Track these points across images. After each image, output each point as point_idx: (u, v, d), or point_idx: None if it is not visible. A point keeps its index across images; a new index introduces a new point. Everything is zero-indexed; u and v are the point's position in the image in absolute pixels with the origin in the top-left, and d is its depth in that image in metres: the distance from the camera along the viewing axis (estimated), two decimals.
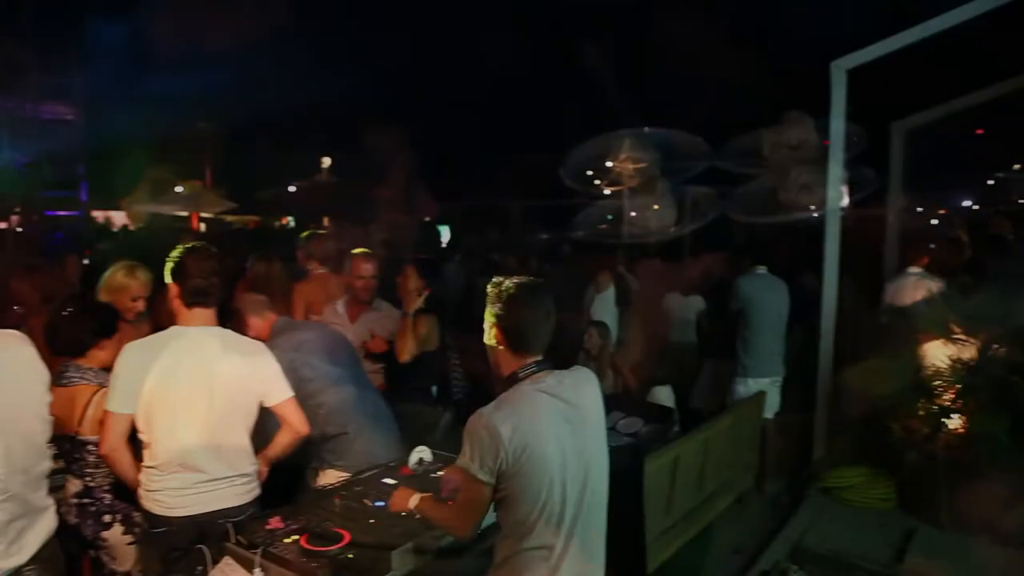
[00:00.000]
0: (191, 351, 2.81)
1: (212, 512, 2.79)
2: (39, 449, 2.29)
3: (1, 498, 2.12)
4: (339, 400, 3.51)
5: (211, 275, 2.83)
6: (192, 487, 2.78)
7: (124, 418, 2.77)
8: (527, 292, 2.23)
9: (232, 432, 2.86)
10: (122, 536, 3.08)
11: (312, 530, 2.47)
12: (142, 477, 2.85)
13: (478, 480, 2.11)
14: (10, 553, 2.15)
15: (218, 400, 2.81)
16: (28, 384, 2.27)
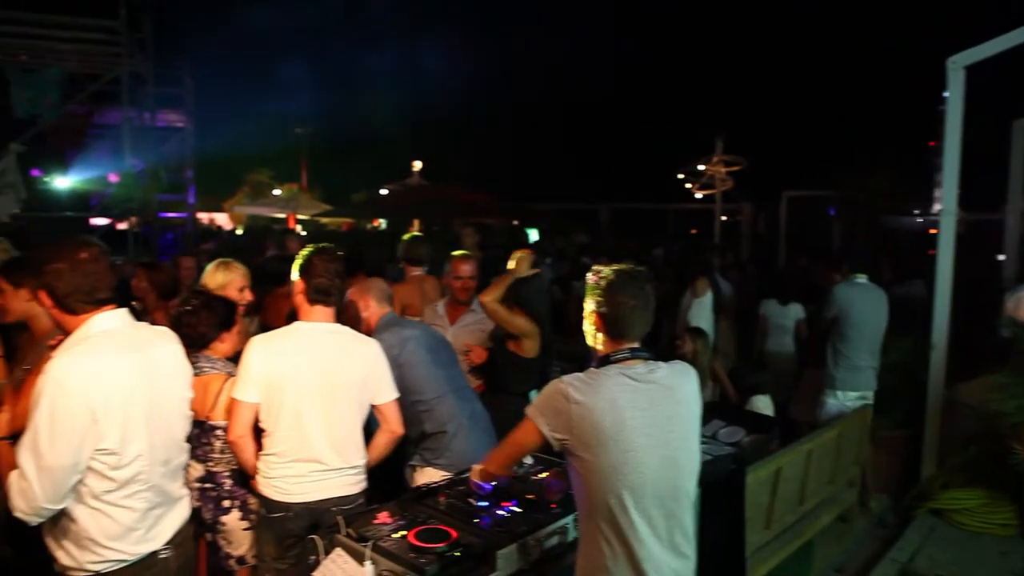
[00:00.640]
0: (312, 346, 2.98)
1: (326, 500, 2.97)
2: (178, 443, 2.43)
3: (142, 488, 2.25)
4: (439, 399, 3.60)
5: (335, 275, 3.02)
6: (309, 475, 2.95)
7: (250, 407, 2.95)
8: (626, 279, 2.25)
9: (347, 425, 3.02)
10: (239, 522, 3.24)
11: (420, 527, 2.52)
12: (261, 464, 3.03)
13: (537, 428, 2.19)
14: (147, 538, 2.29)
15: (335, 394, 2.98)
16: (175, 381, 2.41)
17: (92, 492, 2.16)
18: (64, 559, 2.21)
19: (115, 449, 2.15)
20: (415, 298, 5.03)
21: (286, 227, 19.64)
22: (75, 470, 2.10)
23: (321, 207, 20.06)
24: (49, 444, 2.04)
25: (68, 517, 2.17)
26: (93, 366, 2.13)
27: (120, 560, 2.22)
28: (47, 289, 2.18)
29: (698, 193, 15.59)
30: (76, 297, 2.18)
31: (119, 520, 2.21)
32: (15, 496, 2.07)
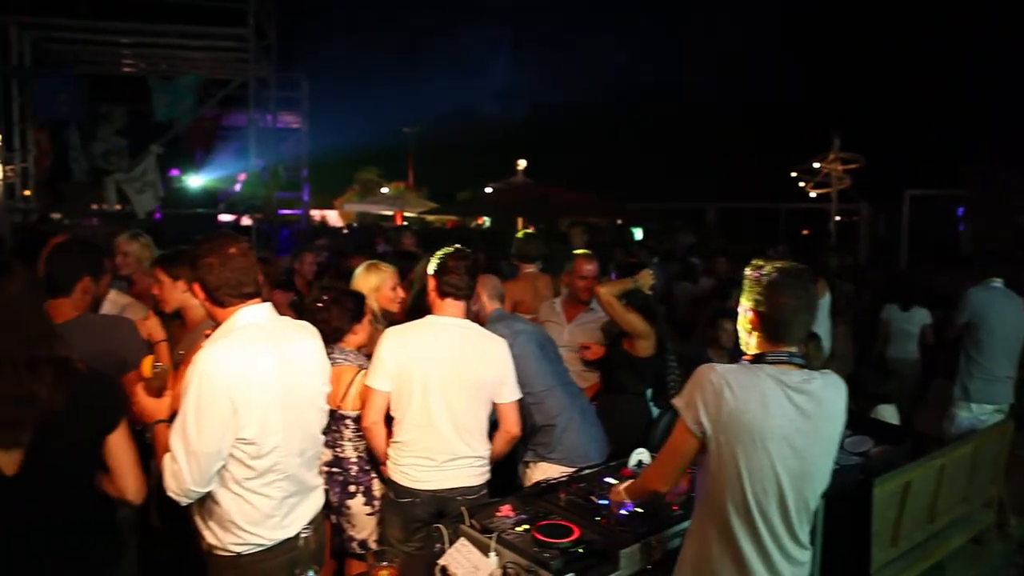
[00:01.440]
0: (442, 339, 3.11)
1: (452, 489, 3.10)
2: (314, 435, 2.53)
3: (279, 477, 2.35)
4: (548, 392, 3.65)
5: (464, 273, 3.14)
6: (436, 464, 3.07)
7: (382, 395, 3.10)
8: (790, 278, 2.13)
9: (473, 417, 3.13)
10: (363, 507, 3.38)
11: (542, 521, 2.56)
12: (391, 451, 3.17)
13: (687, 429, 2.10)
14: (284, 525, 2.39)
15: (463, 386, 3.09)
16: (312, 375, 2.50)
17: (234, 478, 2.28)
18: (210, 538, 2.36)
19: (254, 439, 2.26)
20: (527, 295, 5.09)
21: (394, 224, 20.23)
22: (218, 456, 2.22)
23: (427, 205, 20.55)
24: (196, 430, 2.16)
25: (213, 500, 2.30)
26: (235, 358, 2.23)
27: (259, 544, 2.33)
28: (200, 282, 2.33)
29: (812, 192, 14.99)
30: (224, 290, 2.30)
31: (258, 506, 2.32)
32: (167, 477, 2.21)
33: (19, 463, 1.96)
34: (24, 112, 11.03)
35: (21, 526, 2.00)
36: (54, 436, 2.01)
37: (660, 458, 2.28)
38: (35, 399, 1.96)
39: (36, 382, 1.97)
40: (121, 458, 2.17)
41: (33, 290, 2.15)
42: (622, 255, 8.59)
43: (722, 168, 25.95)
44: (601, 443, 3.75)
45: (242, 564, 2.33)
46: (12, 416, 1.93)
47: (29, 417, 1.95)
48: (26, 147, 11.22)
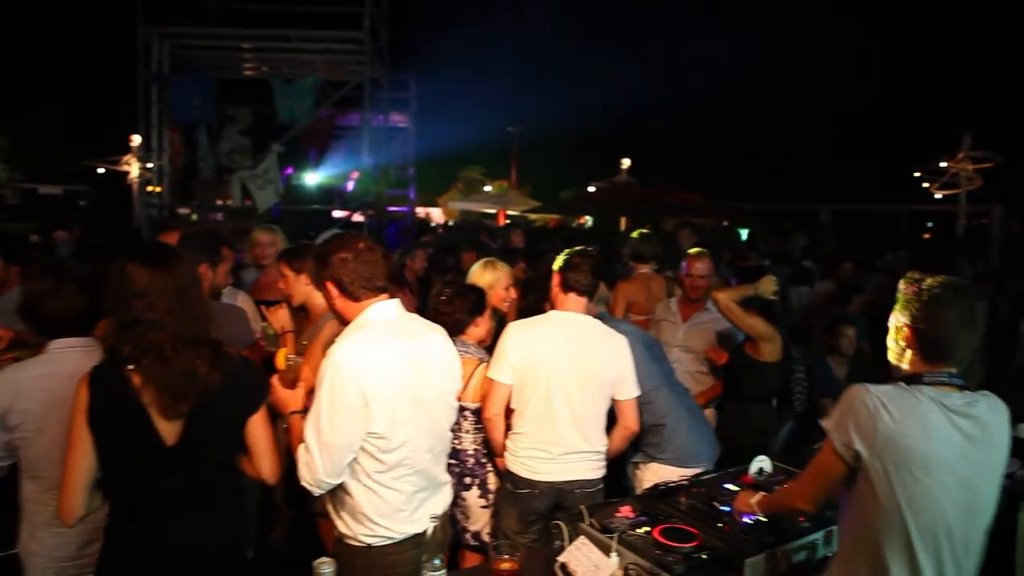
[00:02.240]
0: (565, 333, 3.16)
1: (569, 481, 3.13)
2: (443, 431, 2.58)
3: (409, 472, 2.39)
4: (656, 391, 3.61)
5: (589, 271, 3.21)
6: (555, 456, 3.11)
7: (504, 388, 3.16)
8: (954, 294, 2.00)
9: (592, 411, 3.15)
10: (477, 499, 3.44)
11: (663, 524, 2.53)
12: (510, 443, 3.23)
13: (836, 452, 1.99)
14: (413, 519, 2.44)
15: (583, 380, 3.12)
16: (442, 372, 2.54)
17: (365, 471, 2.34)
18: (342, 527, 2.44)
19: (384, 433, 2.31)
20: (641, 296, 5.04)
21: (495, 222, 20.46)
22: (349, 449, 2.28)
23: (530, 203, 20.67)
24: (328, 423, 2.24)
25: (345, 492, 2.37)
26: (367, 353, 2.29)
27: (389, 537, 2.39)
28: (334, 278, 2.38)
29: (937, 193, 14.13)
30: (358, 284, 2.37)
31: (388, 500, 2.37)
32: (301, 467, 2.30)
33: (179, 435, 2.12)
34: (162, 115, 11.83)
35: (175, 493, 2.15)
36: (208, 412, 2.15)
37: (805, 478, 2.17)
38: (197, 376, 2.11)
39: (199, 360, 2.12)
40: (260, 439, 2.29)
41: (194, 275, 2.31)
42: (731, 257, 8.37)
43: (837, 168, 24.84)
44: (711, 443, 3.70)
45: (372, 555, 2.38)
46: (182, 390, 2.08)
47: (191, 392, 2.10)
48: (162, 147, 12.04)
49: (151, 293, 2.10)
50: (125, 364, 2.09)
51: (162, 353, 2.08)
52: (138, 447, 2.11)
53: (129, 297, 2.10)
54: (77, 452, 2.07)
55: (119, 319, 2.11)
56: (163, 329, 2.09)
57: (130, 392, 2.08)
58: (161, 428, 2.10)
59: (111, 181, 24.77)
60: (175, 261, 2.19)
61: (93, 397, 2.07)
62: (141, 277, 2.11)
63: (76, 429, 2.07)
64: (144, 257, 2.17)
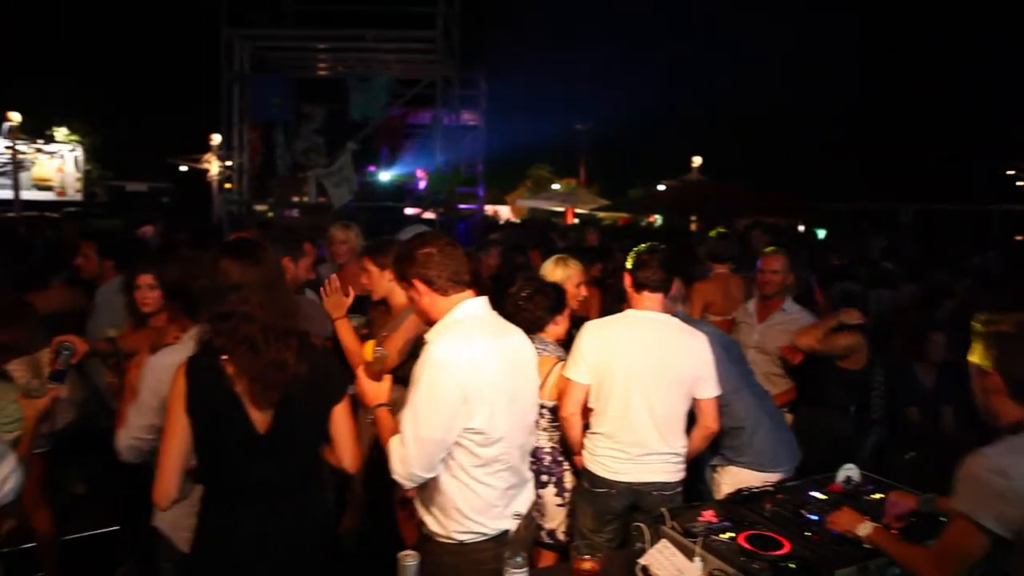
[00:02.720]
0: (642, 332, 3.13)
1: (647, 483, 3.09)
2: (531, 427, 2.59)
3: (503, 468, 2.40)
4: (735, 394, 3.53)
5: (659, 266, 3.16)
6: (634, 456, 3.08)
7: (581, 387, 3.15)
8: None
9: (672, 411, 3.11)
10: (553, 497, 3.43)
11: (748, 531, 2.47)
12: (587, 441, 3.21)
13: (978, 527, 1.86)
14: (504, 515, 2.45)
15: (662, 380, 3.08)
16: (529, 368, 2.56)
17: (460, 466, 2.35)
18: (432, 525, 2.44)
19: (482, 429, 2.32)
20: (718, 296, 4.95)
21: (564, 221, 20.42)
22: (444, 444, 2.29)
23: (599, 202, 20.53)
24: (425, 417, 2.25)
25: (437, 487, 2.38)
26: (466, 350, 2.29)
27: (481, 533, 2.39)
28: (420, 274, 2.40)
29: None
30: (446, 277, 2.38)
31: (482, 495, 2.38)
32: (394, 460, 2.31)
33: (270, 423, 2.19)
34: (242, 114, 12.22)
35: (266, 480, 2.21)
36: (296, 402, 2.21)
37: (939, 553, 2.01)
38: (286, 366, 2.17)
39: (288, 351, 2.18)
40: (343, 429, 2.35)
41: (281, 269, 2.38)
42: (809, 256, 8.13)
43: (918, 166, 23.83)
44: (791, 448, 3.60)
45: (463, 551, 2.39)
46: (273, 380, 2.15)
47: (281, 382, 2.16)
48: (242, 145, 12.44)
49: (244, 286, 2.17)
50: (219, 354, 2.16)
51: (254, 344, 2.14)
52: (232, 435, 2.18)
53: (224, 290, 2.17)
54: (174, 438, 2.15)
55: (213, 311, 2.19)
56: (255, 321, 2.16)
57: (224, 382, 2.15)
58: (254, 417, 2.17)
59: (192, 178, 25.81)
60: (264, 255, 2.27)
61: (190, 386, 2.15)
62: (234, 271, 2.18)
63: (174, 416, 2.15)
64: (236, 252, 2.24)
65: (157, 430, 2.37)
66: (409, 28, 11.86)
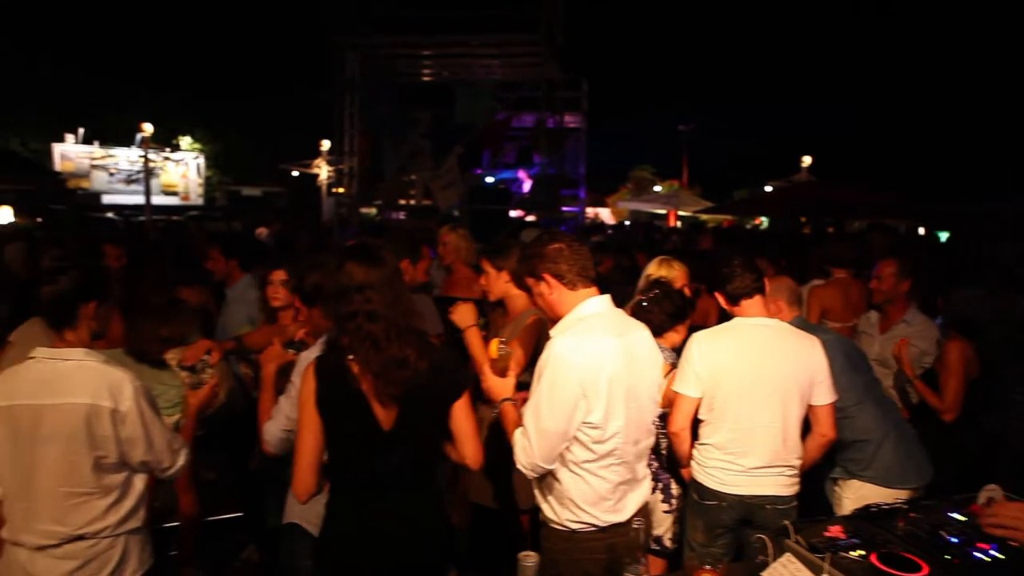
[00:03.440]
0: (752, 341, 3.03)
1: (760, 496, 2.98)
2: (648, 426, 2.58)
3: (616, 462, 2.43)
4: (859, 406, 3.38)
5: (742, 271, 3.07)
6: (746, 468, 2.98)
7: (691, 401, 3.07)
8: None
9: (785, 422, 2.98)
10: (661, 503, 3.38)
11: (881, 550, 2.34)
12: (697, 452, 3.13)
13: None
14: (616, 509, 2.48)
15: (775, 389, 2.96)
16: (650, 367, 2.55)
17: (575, 459, 2.41)
18: (548, 512, 2.52)
19: (598, 423, 2.36)
20: (837, 302, 4.73)
21: (666, 223, 20.09)
22: (564, 437, 2.35)
23: (702, 203, 20.10)
24: (547, 410, 2.32)
25: (554, 477, 2.45)
26: (586, 345, 2.35)
27: (592, 524, 2.44)
28: (551, 269, 2.44)
29: None
30: (576, 272, 2.43)
31: (594, 487, 2.43)
32: (518, 451, 2.40)
33: (393, 420, 2.26)
34: (352, 120, 12.68)
35: (390, 474, 2.29)
36: (417, 398, 2.28)
37: None
38: (407, 363, 2.23)
39: (409, 348, 2.25)
40: (464, 425, 2.40)
41: (401, 270, 2.45)
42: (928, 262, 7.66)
43: None
44: (921, 465, 3.40)
45: (575, 539, 2.45)
46: (395, 376, 2.22)
47: (403, 379, 2.23)
48: (352, 150, 12.90)
49: (368, 287, 2.25)
50: (346, 354, 2.24)
51: (376, 342, 2.22)
52: (359, 431, 2.26)
53: (349, 291, 2.25)
54: (308, 434, 2.25)
55: (339, 312, 2.27)
56: (378, 320, 2.23)
57: (350, 379, 2.23)
58: (377, 413, 2.25)
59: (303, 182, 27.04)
60: (386, 257, 2.35)
61: (319, 384, 2.24)
62: (358, 273, 2.26)
63: (306, 414, 2.25)
64: (360, 255, 2.33)
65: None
66: (512, 32, 11.96)
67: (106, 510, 2.32)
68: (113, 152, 26.19)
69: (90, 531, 2.30)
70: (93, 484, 2.29)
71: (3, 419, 2.27)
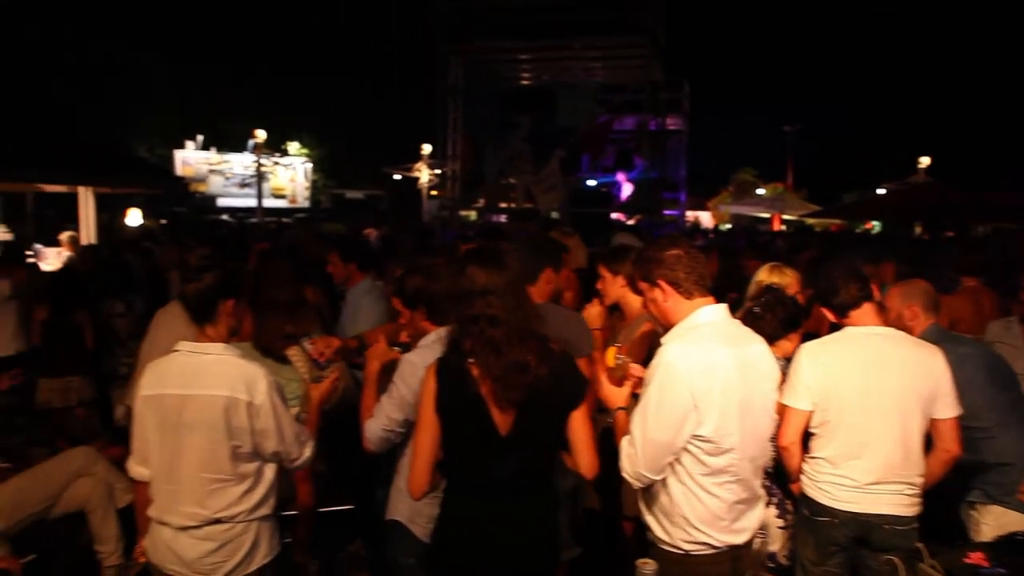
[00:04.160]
0: (867, 351, 2.86)
1: (877, 515, 2.80)
2: (765, 441, 2.50)
3: (731, 479, 2.33)
4: (1001, 427, 3.16)
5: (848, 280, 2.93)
6: (861, 484, 2.82)
7: (802, 414, 2.92)
8: None
9: (905, 436, 2.81)
10: (775, 519, 3.25)
11: None
12: (807, 466, 2.98)
13: None
14: (733, 529, 2.37)
15: (893, 400, 2.80)
16: (766, 380, 2.46)
17: (688, 472, 2.31)
18: (657, 531, 2.42)
19: (711, 437, 2.26)
20: (966, 312, 4.44)
21: (770, 227, 19.46)
22: (671, 448, 2.27)
23: (808, 207, 19.36)
24: (655, 419, 2.25)
25: (665, 493, 2.36)
26: (698, 355, 2.27)
27: (708, 544, 2.34)
28: (668, 276, 2.38)
29: None
30: (693, 280, 2.36)
31: (708, 505, 2.32)
32: (623, 459, 2.34)
33: (511, 425, 2.26)
34: (455, 124, 12.91)
35: (506, 480, 2.29)
36: (536, 405, 2.26)
37: None
38: (528, 368, 2.22)
39: (529, 353, 2.24)
40: (581, 434, 2.37)
41: (524, 275, 2.46)
42: None
43: None
44: None
45: (689, 563, 2.35)
46: (514, 381, 2.22)
47: (522, 384, 2.22)
48: (454, 154, 13.14)
49: (490, 291, 2.26)
50: (466, 357, 2.26)
51: (497, 346, 2.22)
52: (476, 434, 2.27)
53: (471, 295, 2.27)
54: (426, 434, 2.29)
55: (460, 315, 2.29)
56: (499, 324, 2.23)
57: (470, 383, 2.25)
58: (496, 418, 2.25)
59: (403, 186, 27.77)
60: (509, 262, 2.35)
61: (439, 386, 2.27)
62: (481, 277, 2.28)
63: (426, 414, 2.29)
64: (483, 259, 2.34)
65: (410, 425, 2.53)
66: (616, 34, 11.85)
67: (241, 496, 2.45)
68: (228, 158, 27.67)
69: (227, 515, 2.43)
70: (230, 471, 2.42)
71: (153, 406, 2.44)
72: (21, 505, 3.74)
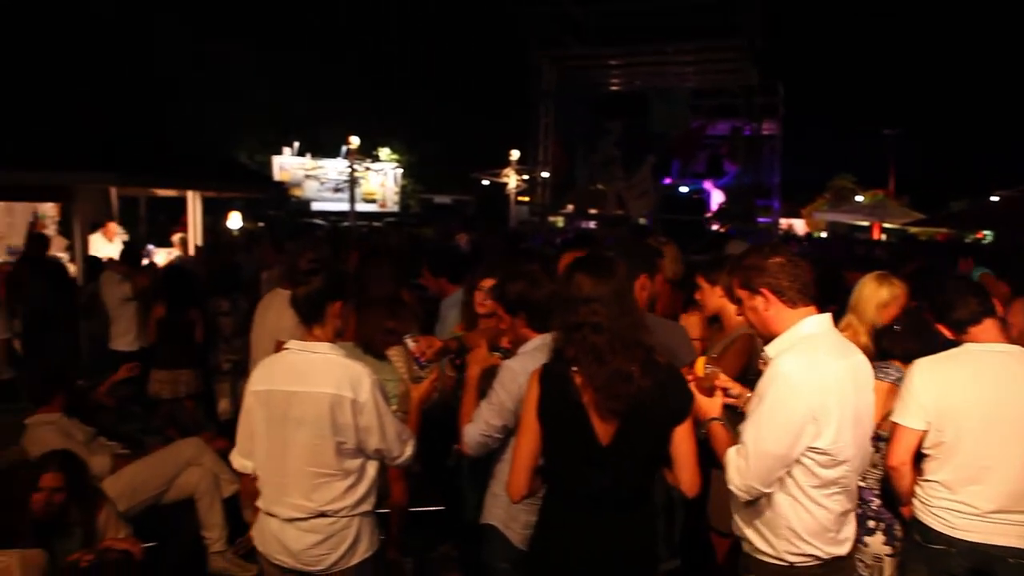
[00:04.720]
0: (985, 368, 2.71)
1: (1000, 547, 2.63)
2: (868, 452, 2.44)
3: (840, 491, 2.26)
4: None
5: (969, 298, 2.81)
6: (982, 513, 2.66)
7: (914, 434, 2.78)
8: None
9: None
10: (882, 546, 3.09)
11: None
12: (920, 490, 2.83)
13: None
14: (838, 540, 2.30)
15: (1013, 423, 2.64)
16: (869, 391, 2.37)
17: (797, 484, 2.24)
18: (758, 542, 2.34)
19: (828, 449, 2.20)
20: None
21: (869, 236, 18.62)
22: (785, 460, 2.20)
23: (911, 215, 18.40)
24: (769, 431, 2.19)
25: (770, 505, 2.28)
26: (815, 367, 2.20)
27: (815, 556, 2.27)
28: (771, 284, 2.30)
29: None
30: (797, 289, 2.28)
31: (817, 517, 2.26)
32: (731, 471, 2.27)
33: (612, 435, 2.22)
34: (547, 130, 12.96)
35: (605, 490, 2.26)
36: (639, 416, 2.22)
37: None
38: (631, 378, 2.18)
39: (633, 363, 2.20)
40: (684, 450, 2.31)
41: (630, 283, 2.43)
42: None
43: None
44: None
45: (792, 574, 2.28)
46: (617, 391, 2.18)
47: (625, 394, 2.18)
48: (546, 160, 13.19)
49: (595, 299, 2.23)
50: (570, 365, 2.24)
51: (600, 355, 2.19)
52: (576, 443, 2.25)
53: (576, 303, 2.25)
54: (526, 439, 2.29)
55: (565, 323, 2.27)
56: (603, 332, 2.20)
57: (572, 391, 2.22)
58: (597, 427, 2.22)
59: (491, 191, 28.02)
60: (616, 270, 2.33)
61: (542, 393, 2.26)
62: (587, 285, 2.25)
63: (527, 418, 2.29)
64: (589, 266, 2.32)
65: (508, 431, 2.54)
66: (711, 38, 11.63)
67: (344, 491, 2.52)
68: (323, 163, 28.63)
69: (331, 509, 2.50)
70: (335, 466, 2.49)
71: (262, 401, 2.54)
72: (138, 490, 3.99)
